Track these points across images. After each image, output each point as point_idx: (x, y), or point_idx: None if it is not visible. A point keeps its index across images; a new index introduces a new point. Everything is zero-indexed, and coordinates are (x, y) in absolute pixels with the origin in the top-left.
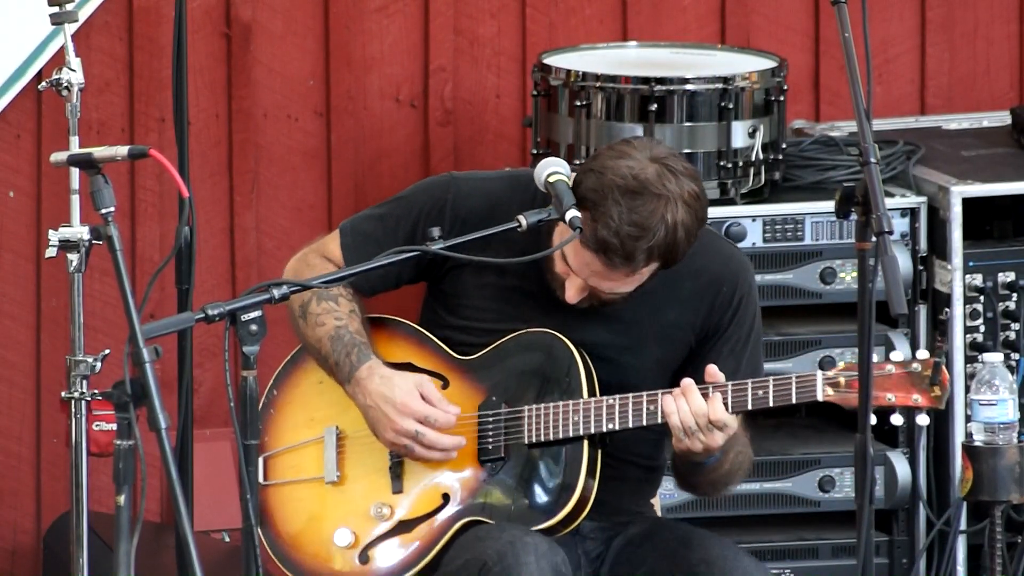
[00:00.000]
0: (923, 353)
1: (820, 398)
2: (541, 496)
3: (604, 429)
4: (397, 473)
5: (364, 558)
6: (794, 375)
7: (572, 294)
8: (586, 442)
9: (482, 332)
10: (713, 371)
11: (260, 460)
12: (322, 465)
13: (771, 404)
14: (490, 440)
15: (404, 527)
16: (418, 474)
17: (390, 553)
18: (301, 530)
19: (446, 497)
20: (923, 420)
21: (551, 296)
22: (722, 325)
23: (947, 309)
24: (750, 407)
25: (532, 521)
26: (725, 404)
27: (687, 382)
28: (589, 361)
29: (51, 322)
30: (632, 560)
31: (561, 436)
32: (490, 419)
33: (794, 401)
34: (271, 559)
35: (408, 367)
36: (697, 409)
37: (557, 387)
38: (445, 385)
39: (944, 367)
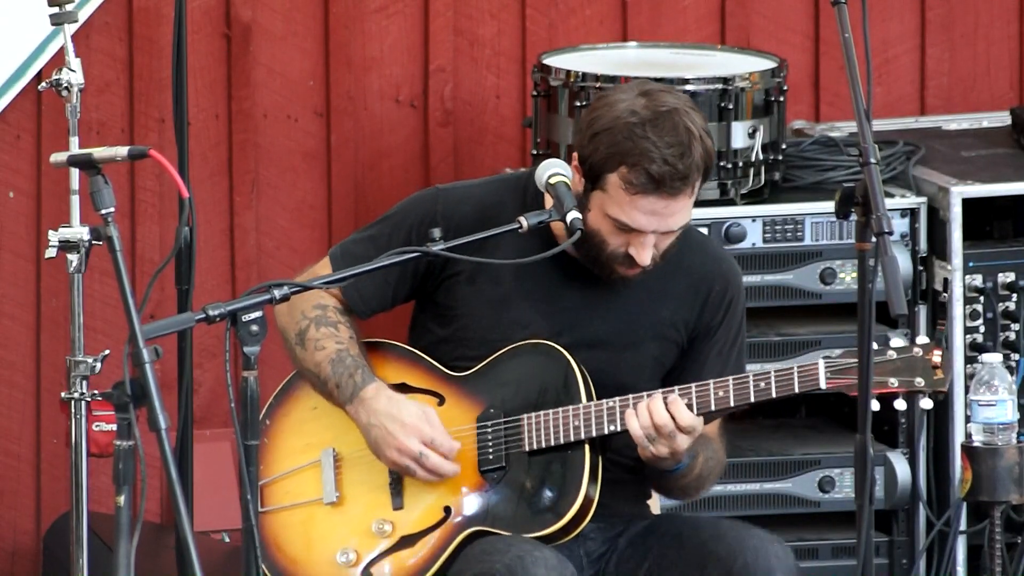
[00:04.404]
0: (923, 338)
1: (824, 387)
2: (543, 502)
3: (606, 431)
4: (397, 490)
5: (367, 575)
6: (796, 366)
7: (647, 254)
8: (587, 446)
9: (478, 343)
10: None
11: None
12: (320, 487)
13: (774, 395)
14: (490, 451)
15: (406, 542)
16: (418, 490)
17: (393, 569)
18: (302, 553)
19: (448, 510)
20: (926, 404)
21: (547, 297)
22: (712, 325)
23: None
24: (752, 399)
25: (536, 527)
26: (727, 397)
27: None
28: (585, 369)
29: (51, 322)
30: (638, 552)
31: (562, 441)
32: (489, 429)
33: (797, 391)
34: None
35: (402, 388)
36: (659, 420)
37: (555, 396)
38: (441, 402)
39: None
